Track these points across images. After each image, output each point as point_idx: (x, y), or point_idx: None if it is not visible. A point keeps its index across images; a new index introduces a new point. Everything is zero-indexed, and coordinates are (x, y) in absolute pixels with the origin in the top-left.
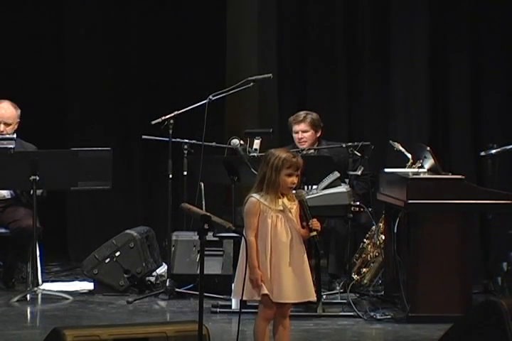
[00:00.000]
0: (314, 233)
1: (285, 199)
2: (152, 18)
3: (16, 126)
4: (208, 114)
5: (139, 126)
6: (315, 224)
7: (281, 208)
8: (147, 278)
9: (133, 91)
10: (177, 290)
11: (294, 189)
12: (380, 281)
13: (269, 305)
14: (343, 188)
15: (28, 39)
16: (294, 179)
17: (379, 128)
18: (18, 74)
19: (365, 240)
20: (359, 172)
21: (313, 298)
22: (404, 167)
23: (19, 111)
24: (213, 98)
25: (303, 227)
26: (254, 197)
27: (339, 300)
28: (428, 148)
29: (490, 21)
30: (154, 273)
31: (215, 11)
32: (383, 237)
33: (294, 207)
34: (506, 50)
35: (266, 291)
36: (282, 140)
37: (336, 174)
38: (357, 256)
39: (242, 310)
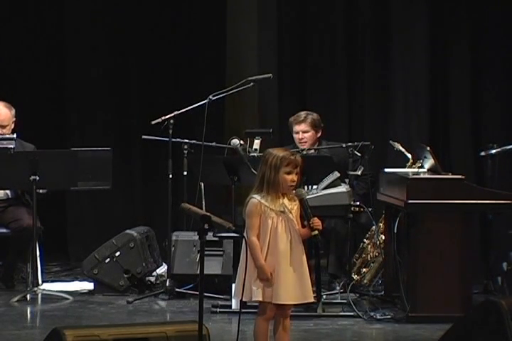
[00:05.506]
0: (316, 232)
1: (286, 200)
2: (152, 18)
3: (12, 126)
4: (208, 114)
5: (138, 126)
6: (316, 223)
7: (282, 209)
8: (147, 278)
9: (133, 91)
10: (177, 290)
11: (294, 188)
12: (380, 281)
13: (269, 307)
14: (343, 188)
15: (28, 39)
16: (294, 177)
17: (379, 128)
18: (18, 75)
19: (365, 240)
20: (359, 172)
21: (312, 299)
22: (404, 167)
23: (13, 111)
24: (213, 98)
25: (304, 227)
26: (255, 198)
27: (339, 300)
28: (428, 148)
29: (491, 20)
30: (154, 273)
31: (215, 10)
32: (383, 237)
33: (294, 207)
34: (507, 50)
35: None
36: (282, 140)
37: (336, 174)
38: (357, 256)
39: (242, 310)
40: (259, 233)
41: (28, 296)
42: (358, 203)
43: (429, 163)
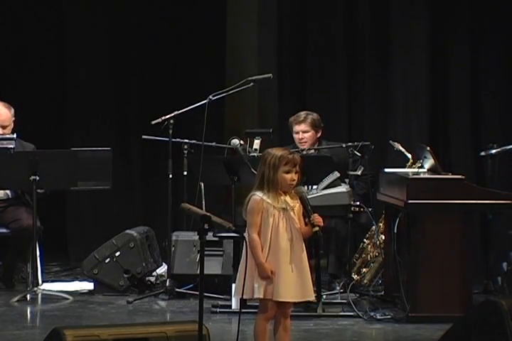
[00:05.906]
0: (317, 228)
1: (288, 198)
2: (152, 18)
3: (12, 125)
4: (208, 114)
5: (139, 126)
6: (317, 219)
7: (283, 206)
8: (147, 278)
9: (133, 91)
10: (177, 290)
11: (295, 187)
12: (380, 281)
13: (270, 305)
14: (343, 188)
15: (28, 39)
16: (293, 176)
17: (379, 128)
18: (18, 75)
19: (365, 240)
20: (359, 172)
21: (312, 297)
22: (404, 167)
23: (13, 111)
24: (213, 98)
25: (306, 224)
26: (257, 195)
27: (339, 300)
28: (428, 148)
29: (491, 21)
30: (154, 273)
31: (215, 11)
32: (383, 237)
33: (296, 205)
34: (507, 50)
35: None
36: (282, 140)
37: (336, 174)
38: (357, 256)
39: (242, 310)
40: (260, 230)
41: (28, 296)
42: (358, 203)
43: (429, 163)
